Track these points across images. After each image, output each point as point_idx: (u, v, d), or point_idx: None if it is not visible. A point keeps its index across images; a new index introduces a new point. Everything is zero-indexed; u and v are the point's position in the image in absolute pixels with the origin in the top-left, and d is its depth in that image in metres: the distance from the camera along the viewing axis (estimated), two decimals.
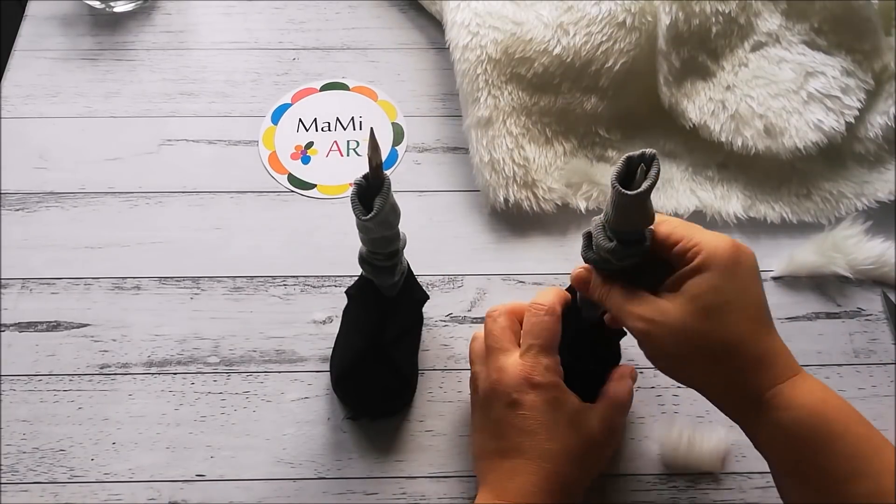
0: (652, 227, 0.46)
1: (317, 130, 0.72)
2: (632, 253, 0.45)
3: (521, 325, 0.52)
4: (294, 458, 0.56)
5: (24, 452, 0.56)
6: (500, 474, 0.49)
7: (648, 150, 0.42)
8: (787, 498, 0.45)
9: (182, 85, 0.75)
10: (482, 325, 0.54)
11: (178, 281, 0.64)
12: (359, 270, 0.54)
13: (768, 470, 0.46)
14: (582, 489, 0.50)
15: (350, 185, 0.63)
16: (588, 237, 0.48)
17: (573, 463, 0.48)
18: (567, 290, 0.55)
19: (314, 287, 0.63)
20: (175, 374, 0.59)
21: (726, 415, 0.46)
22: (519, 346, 0.51)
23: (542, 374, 0.49)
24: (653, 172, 0.42)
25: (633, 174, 0.42)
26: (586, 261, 0.49)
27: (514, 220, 0.67)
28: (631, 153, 0.42)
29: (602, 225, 0.46)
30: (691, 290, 0.44)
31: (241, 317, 0.62)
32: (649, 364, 0.47)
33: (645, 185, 0.42)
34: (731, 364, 0.44)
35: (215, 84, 0.75)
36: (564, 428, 0.49)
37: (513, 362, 0.50)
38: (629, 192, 0.42)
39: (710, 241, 0.44)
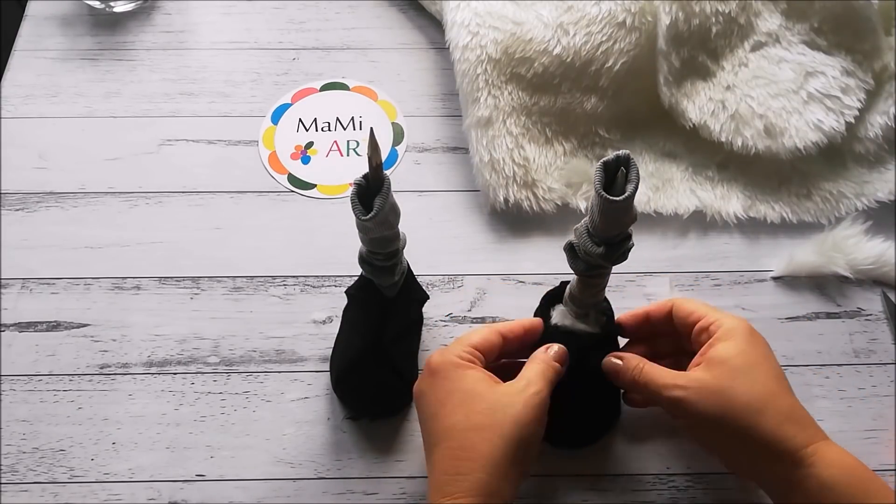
0: (674, 305, 0.52)
1: (317, 130, 0.72)
2: (620, 252, 0.46)
3: (517, 357, 0.52)
4: (294, 458, 0.56)
5: (24, 452, 0.56)
6: (429, 476, 0.48)
7: (622, 152, 0.42)
8: None
9: (182, 85, 0.75)
10: (481, 325, 0.54)
11: (178, 281, 0.64)
12: (359, 270, 0.54)
13: None
14: (494, 443, 0.46)
15: (350, 185, 0.63)
16: (570, 249, 0.48)
17: (468, 431, 0.46)
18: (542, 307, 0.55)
19: (314, 287, 0.63)
20: (175, 374, 0.59)
21: (756, 481, 0.49)
22: (474, 361, 0.50)
23: (436, 357, 0.49)
24: (633, 175, 0.42)
25: (613, 178, 0.42)
26: (576, 271, 0.49)
27: (514, 220, 0.67)
28: (606, 158, 0.43)
29: (586, 231, 0.46)
30: (719, 355, 0.48)
31: (241, 317, 0.62)
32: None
33: (629, 189, 0.42)
34: (765, 419, 0.46)
35: (215, 84, 0.75)
36: (457, 405, 0.47)
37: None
38: (617, 199, 0.42)
39: (727, 318, 0.50)
